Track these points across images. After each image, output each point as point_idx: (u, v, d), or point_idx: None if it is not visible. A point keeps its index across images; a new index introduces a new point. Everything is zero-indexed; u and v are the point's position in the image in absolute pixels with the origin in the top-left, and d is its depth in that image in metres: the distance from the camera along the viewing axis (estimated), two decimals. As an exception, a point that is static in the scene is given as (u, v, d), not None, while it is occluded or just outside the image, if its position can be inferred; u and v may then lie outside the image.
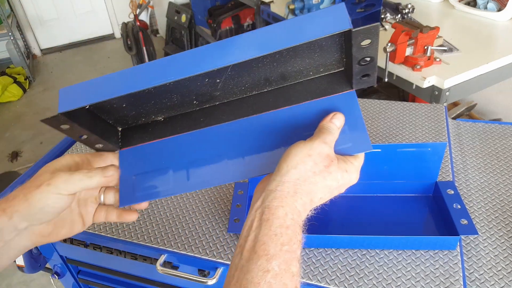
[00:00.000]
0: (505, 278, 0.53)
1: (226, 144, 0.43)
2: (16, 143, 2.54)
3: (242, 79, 0.42)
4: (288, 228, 0.33)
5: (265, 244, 0.32)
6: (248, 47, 0.36)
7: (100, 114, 0.44)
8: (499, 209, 0.63)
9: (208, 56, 0.36)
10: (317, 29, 0.35)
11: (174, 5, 2.96)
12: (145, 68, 0.38)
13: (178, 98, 0.44)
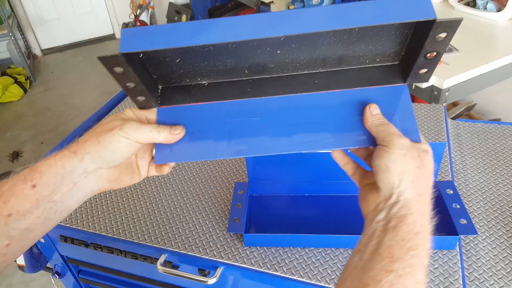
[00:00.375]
0: (504, 278, 0.53)
1: (270, 117, 0.43)
2: (17, 143, 2.54)
3: (301, 54, 0.42)
4: (417, 235, 0.33)
5: (390, 247, 0.32)
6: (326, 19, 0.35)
7: (149, 66, 0.43)
8: (499, 209, 0.63)
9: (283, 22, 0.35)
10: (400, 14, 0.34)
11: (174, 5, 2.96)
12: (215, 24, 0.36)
13: (232, 63, 0.43)
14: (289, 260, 0.56)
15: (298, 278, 0.54)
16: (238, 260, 0.57)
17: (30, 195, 0.35)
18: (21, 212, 0.34)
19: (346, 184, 0.65)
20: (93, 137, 0.39)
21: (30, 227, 0.35)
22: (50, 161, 0.37)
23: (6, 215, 0.34)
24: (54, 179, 0.36)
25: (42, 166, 0.36)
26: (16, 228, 0.34)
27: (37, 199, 0.35)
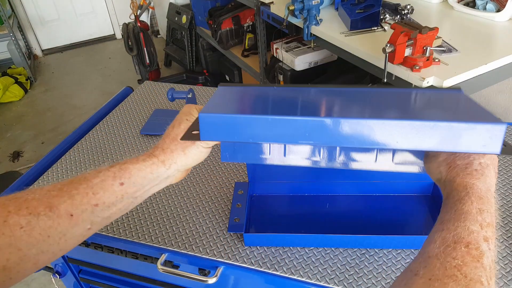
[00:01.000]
0: (504, 278, 0.53)
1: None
2: (18, 143, 2.55)
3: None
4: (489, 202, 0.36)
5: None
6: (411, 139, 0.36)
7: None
8: (498, 209, 0.63)
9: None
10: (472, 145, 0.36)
11: (174, 6, 2.97)
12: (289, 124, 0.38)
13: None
14: (289, 259, 0.57)
15: (298, 278, 0.54)
16: (238, 259, 0.57)
17: (117, 191, 0.40)
18: (107, 204, 0.40)
19: (345, 184, 0.65)
20: (179, 148, 0.44)
21: (111, 216, 0.41)
22: (140, 166, 0.42)
23: (94, 204, 0.39)
24: (141, 181, 0.42)
25: (132, 168, 0.42)
26: (100, 216, 0.40)
27: (122, 195, 0.41)
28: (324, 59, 1.80)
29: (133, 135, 0.88)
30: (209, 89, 1.04)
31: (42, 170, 0.79)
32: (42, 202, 0.37)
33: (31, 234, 0.36)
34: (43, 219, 0.36)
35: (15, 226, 0.35)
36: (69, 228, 0.38)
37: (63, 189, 0.39)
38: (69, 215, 0.38)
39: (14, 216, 0.35)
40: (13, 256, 0.35)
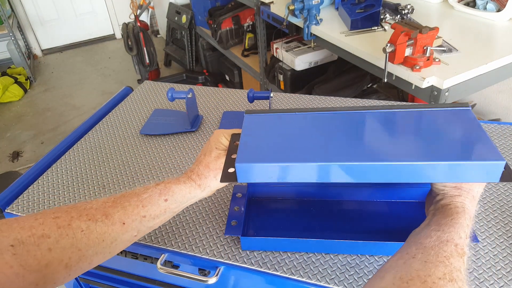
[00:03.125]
0: (504, 278, 0.53)
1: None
2: (17, 143, 2.55)
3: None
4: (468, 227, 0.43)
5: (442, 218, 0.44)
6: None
7: None
8: (498, 209, 0.63)
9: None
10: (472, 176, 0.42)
11: (174, 5, 2.97)
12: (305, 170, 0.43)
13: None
14: (289, 260, 0.56)
15: (298, 278, 0.54)
16: (238, 260, 0.57)
17: (162, 206, 0.48)
18: (152, 216, 0.47)
19: (347, 189, 0.65)
20: (212, 175, 0.51)
21: (153, 226, 0.49)
22: (181, 186, 0.50)
23: (142, 216, 0.46)
24: (181, 199, 0.50)
25: (175, 188, 0.49)
26: (145, 226, 0.47)
27: (165, 209, 0.48)
28: (324, 59, 1.80)
29: (133, 135, 0.88)
30: (209, 89, 1.04)
31: (42, 170, 0.79)
32: (99, 210, 0.44)
33: (89, 237, 0.42)
34: (100, 225, 0.43)
35: (77, 229, 0.41)
36: (120, 234, 0.44)
37: (117, 201, 0.46)
38: (121, 223, 0.44)
39: (76, 221, 0.42)
40: (74, 255, 0.41)
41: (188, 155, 0.80)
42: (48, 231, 0.40)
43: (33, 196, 0.72)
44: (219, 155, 0.51)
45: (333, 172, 0.43)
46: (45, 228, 0.40)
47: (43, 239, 0.39)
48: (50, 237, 0.39)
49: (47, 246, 0.39)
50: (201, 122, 0.89)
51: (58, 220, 0.41)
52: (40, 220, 0.40)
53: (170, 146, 0.83)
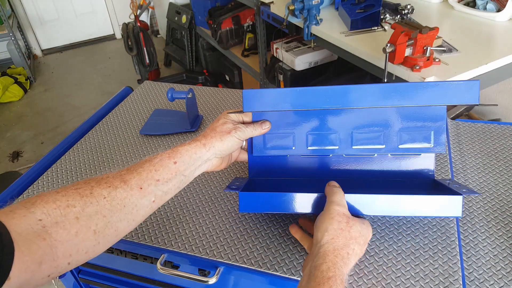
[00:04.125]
0: (504, 278, 0.53)
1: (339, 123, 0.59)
2: (17, 143, 2.55)
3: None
4: (329, 279, 0.41)
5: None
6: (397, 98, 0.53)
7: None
8: (498, 209, 0.63)
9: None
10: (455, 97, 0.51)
11: (174, 5, 2.97)
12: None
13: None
14: (289, 260, 0.56)
15: (298, 278, 0.54)
16: (238, 260, 0.57)
17: (172, 168, 0.49)
18: (165, 179, 0.48)
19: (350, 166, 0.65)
20: (217, 135, 0.54)
21: (168, 191, 0.49)
22: (187, 147, 0.52)
23: (156, 179, 0.48)
24: (189, 160, 0.51)
25: (181, 149, 0.51)
26: (160, 190, 0.48)
27: (175, 172, 0.50)
28: (324, 59, 1.80)
29: (133, 135, 0.88)
30: (209, 89, 1.04)
31: (42, 170, 0.79)
32: (116, 178, 0.45)
33: (112, 203, 0.43)
34: (119, 191, 0.44)
35: (99, 196, 0.43)
36: (139, 199, 0.46)
37: (131, 169, 0.48)
38: (139, 187, 0.46)
39: (97, 189, 0.43)
40: (100, 222, 0.42)
41: (188, 155, 0.79)
42: (72, 201, 0.41)
43: (33, 196, 0.72)
44: (226, 122, 0.56)
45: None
46: (69, 199, 0.41)
47: (69, 209, 0.40)
48: (76, 207, 0.41)
49: (74, 215, 0.40)
50: (201, 122, 0.89)
51: (79, 190, 0.42)
52: (62, 193, 0.41)
53: (170, 146, 0.83)
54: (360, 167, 0.62)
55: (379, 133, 0.59)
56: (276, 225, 0.62)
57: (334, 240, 0.46)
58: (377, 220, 0.61)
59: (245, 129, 0.56)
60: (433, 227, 0.59)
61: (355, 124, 0.59)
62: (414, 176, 0.60)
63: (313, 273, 0.42)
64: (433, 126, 0.57)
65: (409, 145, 0.58)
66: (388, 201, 0.53)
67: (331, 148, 0.60)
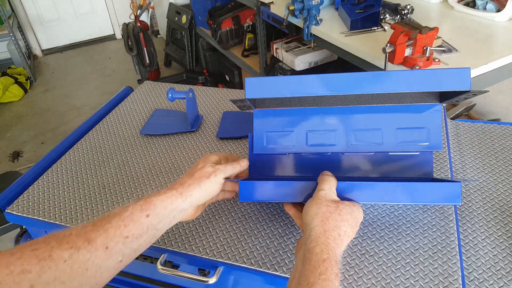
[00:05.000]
0: (504, 278, 0.53)
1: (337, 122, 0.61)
2: (17, 143, 2.55)
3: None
4: (324, 261, 0.41)
5: (307, 276, 0.40)
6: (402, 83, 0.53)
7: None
8: (498, 209, 0.63)
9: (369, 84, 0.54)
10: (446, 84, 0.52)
11: (174, 6, 2.97)
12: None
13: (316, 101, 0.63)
14: (289, 260, 0.56)
15: (298, 278, 0.54)
16: (238, 260, 0.57)
17: (144, 222, 0.45)
18: (135, 236, 0.44)
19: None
20: (195, 182, 0.50)
21: (138, 248, 0.45)
22: (162, 197, 0.48)
23: (125, 236, 0.43)
24: (163, 211, 0.47)
25: (155, 200, 0.47)
26: (129, 247, 0.44)
27: (147, 226, 0.45)
28: (324, 59, 1.80)
29: (133, 135, 0.88)
30: (209, 89, 1.04)
31: (42, 170, 0.79)
32: (80, 237, 0.41)
33: (72, 267, 0.39)
34: (83, 252, 0.40)
35: (59, 260, 0.38)
36: (104, 260, 0.41)
37: (97, 224, 0.43)
38: (104, 247, 0.41)
39: (58, 251, 0.39)
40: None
41: (188, 155, 0.80)
42: (28, 265, 0.36)
43: (33, 196, 0.72)
44: (204, 166, 0.53)
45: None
46: (24, 263, 0.36)
47: (24, 275, 0.36)
48: (31, 272, 0.36)
49: (28, 282, 0.36)
50: (201, 122, 0.90)
51: (37, 252, 0.38)
52: (18, 255, 0.37)
53: (170, 146, 0.83)
54: (359, 165, 0.63)
55: (377, 131, 0.60)
56: (276, 225, 0.62)
57: (324, 222, 0.45)
58: (376, 220, 0.61)
59: (224, 168, 0.54)
60: (432, 227, 0.59)
61: (354, 122, 0.60)
62: (413, 174, 0.61)
63: (307, 256, 0.42)
64: (430, 124, 0.58)
65: (407, 143, 0.59)
66: (386, 188, 0.53)
67: (330, 146, 0.61)
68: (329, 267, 0.40)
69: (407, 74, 0.52)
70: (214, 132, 0.86)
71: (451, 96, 0.55)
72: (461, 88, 0.51)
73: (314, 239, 0.43)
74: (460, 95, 0.53)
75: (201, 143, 0.83)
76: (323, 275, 0.39)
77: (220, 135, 0.84)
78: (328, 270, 0.40)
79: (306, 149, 0.62)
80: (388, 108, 0.60)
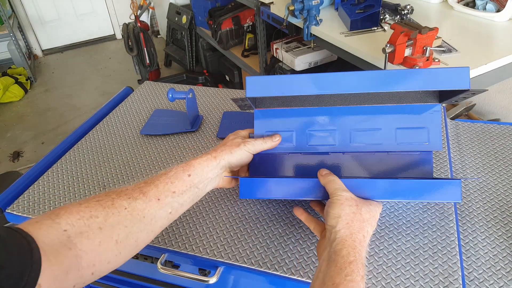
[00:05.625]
0: (504, 278, 0.53)
1: (337, 121, 0.61)
2: (18, 143, 2.55)
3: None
4: (351, 263, 0.42)
5: (332, 276, 0.41)
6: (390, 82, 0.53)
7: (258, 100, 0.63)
8: (498, 209, 0.63)
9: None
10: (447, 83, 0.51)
11: (174, 6, 2.97)
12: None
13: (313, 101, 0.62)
14: (289, 260, 0.57)
15: (298, 278, 0.54)
16: (239, 260, 0.57)
17: (187, 181, 0.51)
18: (181, 191, 0.50)
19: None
20: (227, 149, 0.57)
21: (183, 203, 0.51)
22: (199, 160, 0.54)
23: (172, 191, 0.49)
24: (201, 173, 0.53)
25: (194, 163, 0.53)
26: (177, 201, 0.50)
27: (190, 185, 0.52)
28: (324, 59, 1.80)
29: (133, 135, 0.88)
30: (209, 89, 1.04)
31: (42, 170, 0.79)
32: (135, 190, 0.47)
33: (132, 214, 0.45)
34: (139, 202, 0.46)
35: (121, 207, 0.44)
36: (157, 210, 0.47)
37: (148, 182, 0.49)
38: (157, 199, 0.48)
39: (118, 200, 0.45)
40: (122, 232, 0.43)
41: (188, 155, 0.80)
42: (95, 212, 0.42)
43: (34, 196, 0.72)
44: (235, 137, 0.60)
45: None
46: (92, 210, 0.42)
47: (92, 220, 0.41)
48: (98, 217, 0.42)
49: (97, 225, 0.41)
50: (201, 122, 0.90)
51: (101, 202, 0.44)
52: (85, 204, 0.43)
53: (170, 146, 0.83)
54: (359, 165, 0.63)
55: (377, 131, 0.60)
56: (276, 225, 0.62)
57: (349, 225, 0.46)
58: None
59: (254, 142, 0.59)
60: (433, 227, 0.59)
61: (354, 122, 0.61)
62: (412, 174, 0.61)
63: (333, 258, 0.43)
64: (429, 124, 0.58)
65: (406, 143, 0.59)
66: (387, 186, 0.53)
67: (330, 145, 0.61)
68: (356, 269, 0.41)
69: (406, 73, 0.52)
70: (214, 132, 0.86)
71: (451, 95, 0.55)
72: (460, 87, 0.51)
73: (341, 242, 0.44)
74: (460, 94, 0.53)
75: (201, 143, 0.83)
76: (349, 277, 0.40)
77: (220, 135, 0.84)
78: (355, 272, 0.41)
79: (306, 149, 0.62)
80: (388, 108, 0.60)
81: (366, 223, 0.48)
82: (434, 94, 0.58)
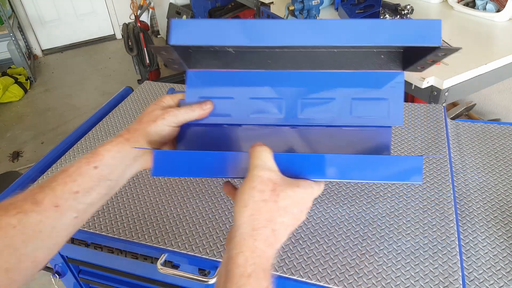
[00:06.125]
0: (504, 278, 0.53)
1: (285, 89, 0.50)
2: (17, 143, 2.55)
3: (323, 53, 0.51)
4: (249, 277, 0.33)
5: None
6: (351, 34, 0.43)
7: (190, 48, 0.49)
8: (498, 209, 0.63)
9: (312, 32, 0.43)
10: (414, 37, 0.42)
11: (174, 6, 2.97)
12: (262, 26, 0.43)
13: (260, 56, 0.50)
14: (289, 260, 0.56)
15: (298, 278, 0.54)
16: (238, 260, 0.57)
17: (93, 175, 0.41)
18: (86, 190, 0.41)
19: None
20: (141, 127, 0.45)
21: (94, 202, 0.42)
22: (108, 147, 0.43)
23: (75, 192, 0.40)
24: (112, 161, 0.43)
25: (102, 150, 0.43)
26: (83, 202, 0.41)
27: (98, 178, 0.42)
28: (324, 59, 1.80)
29: (133, 135, 0.88)
30: (209, 89, 1.04)
31: (42, 170, 0.79)
32: (26, 200, 0.38)
33: (24, 232, 0.37)
34: (31, 215, 0.37)
35: (7, 227, 0.36)
36: (57, 219, 0.39)
37: (43, 185, 0.40)
38: (54, 206, 0.39)
39: (4, 218, 0.37)
40: (12, 257, 0.36)
41: (188, 155, 0.80)
42: None
43: (33, 196, 0.72)
44: (154, 109, 0.46)
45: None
46: None
47: None
48: None
49: None
50: (201, 122, 0.89)
51: None
52: None
53: (170, 146, 0.83)
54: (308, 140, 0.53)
55: (330, 101, 0.50)
56: (276, 225, 0.62)
57: (254, 217, 0.35)
58: (377, 220, 0.61)
59: (176, 112, 0.46)
60: (433, 227, 0.59)
61: (304, 91, 0.50)
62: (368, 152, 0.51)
63: (230, 269, 0.34)
64: (390, 95, 0.49)
65: (363, 116, 0.51)
66: (334, 161, 0.44)
67: (275, 116, 0.50)
68: (257, 284, 0.33)
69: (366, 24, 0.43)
70: (214, 132, 0.86)
71: (417, 58, 0.46)
72: (430, 43, 0.41)
73: (239, 244, 0.35)
74: (428, 55, 0.43)
75: (201, 143, 0.83)
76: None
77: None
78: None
79: (247, 120, 0.51)
80: (344, 74, 0.51)
81: (282, 212, 0.36)
82: (397, 59, 0.50)
